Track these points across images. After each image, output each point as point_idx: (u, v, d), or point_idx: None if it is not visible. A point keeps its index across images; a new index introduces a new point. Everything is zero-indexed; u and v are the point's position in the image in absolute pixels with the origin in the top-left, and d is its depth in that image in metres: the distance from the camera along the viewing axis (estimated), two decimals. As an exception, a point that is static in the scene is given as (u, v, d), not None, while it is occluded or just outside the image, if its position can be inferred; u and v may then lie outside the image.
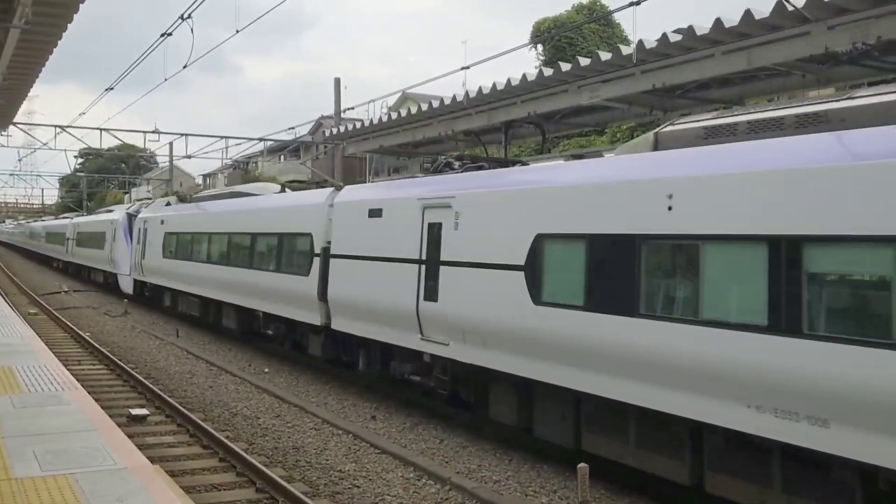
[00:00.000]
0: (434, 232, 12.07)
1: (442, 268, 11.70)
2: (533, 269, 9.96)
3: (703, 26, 13.21)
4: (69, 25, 13.13)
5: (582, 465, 8.44)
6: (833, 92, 14.20)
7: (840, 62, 12.81)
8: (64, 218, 55.81)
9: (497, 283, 10.51)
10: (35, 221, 76.57)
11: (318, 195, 16.90)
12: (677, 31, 13.69)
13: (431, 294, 11.88)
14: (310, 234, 15.96)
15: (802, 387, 6.78)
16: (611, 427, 9.11)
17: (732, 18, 12.77)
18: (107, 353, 18.70)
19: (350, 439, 11.86)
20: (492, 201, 11.09)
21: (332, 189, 16.54)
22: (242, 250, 19.79)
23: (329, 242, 15.21)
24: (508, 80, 17.88)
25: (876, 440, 6.40)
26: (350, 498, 9.36)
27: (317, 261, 15.56)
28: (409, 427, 12.68)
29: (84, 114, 35.66)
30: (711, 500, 8.63)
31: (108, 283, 36.12)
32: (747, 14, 12.44)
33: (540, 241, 9.93)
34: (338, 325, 14.84)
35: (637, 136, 25.38)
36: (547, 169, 11.80)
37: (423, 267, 12.21)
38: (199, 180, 76.10)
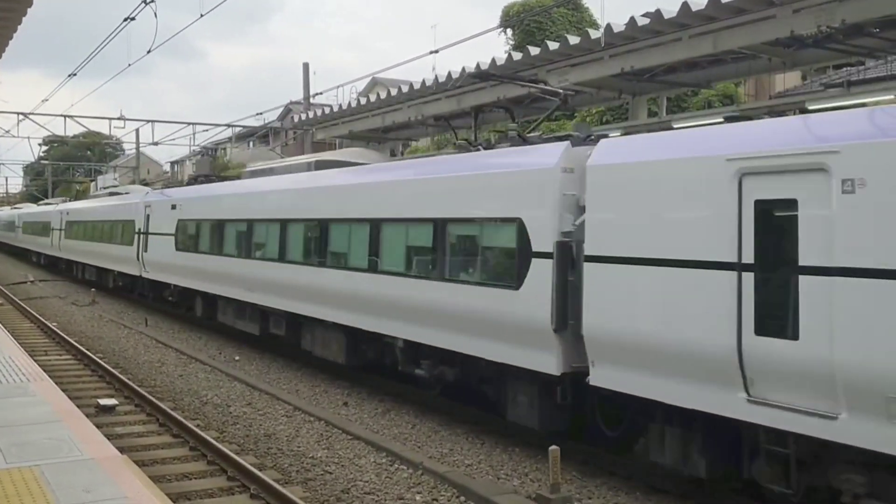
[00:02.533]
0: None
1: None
2: None
3: (671, 10, 13.28)
4: (29, 10, 12.84)
5: (553, 447, 8.48)
6: (798, 75, 14.28)
7: (805, 45, 12.95)
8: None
9: None
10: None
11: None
12: (645, 15, 13.75)
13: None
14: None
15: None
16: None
17: (699, 2, 12.85)
18: (74, 343, 18.46)
19: (322, 426, 11.84)
20: None
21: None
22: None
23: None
24: (478, 65, 17.86)
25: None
26: (322, 484, 9.35)
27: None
28: (381, 413, 12.68)
29: (47, 100, 35.15)
30: (678, 482, 8.74)
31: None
32: (714, -3, 12.52)
33: None
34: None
35: (606, 120, 25.49)
36: None
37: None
38: (167, 167, 75.22)
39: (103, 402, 12.78)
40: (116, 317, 24.68)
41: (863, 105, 10.95)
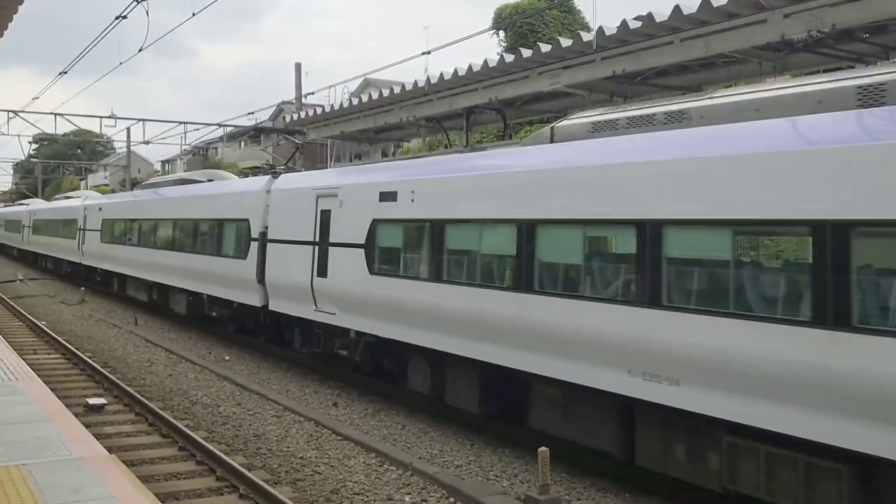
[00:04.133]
0: None
1: None
2: None
3: (663, 13, 13.31)
4: (19, 7, 12.79)
5: (543, 448, 8.50)
6: (789, 78, 14.41)
7: (796, 50, 13.01)
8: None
9: None
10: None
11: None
12: (637, 18, 13.78)
13: None
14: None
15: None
16: None
17: (691, 6, 12.89)
18: (63, 341, 18.39)
19: (312, 426, 11.82)
20: None
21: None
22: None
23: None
24: (470, 67, 17.86)
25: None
26: (312, 485, 9.34)
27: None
28: (370, 413, 12.67)
29: (37, 98, 34.89)
30: (673, 484, 8.78)
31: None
32: (705, 1, 12.56)
33: None
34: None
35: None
36: None
37: None
38: (158, 166, 75.01)
39: (92, 401, 12.73)
40: (106, 316, 24.59)
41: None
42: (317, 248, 14.06)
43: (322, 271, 13.64)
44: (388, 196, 12.22)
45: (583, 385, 8.75)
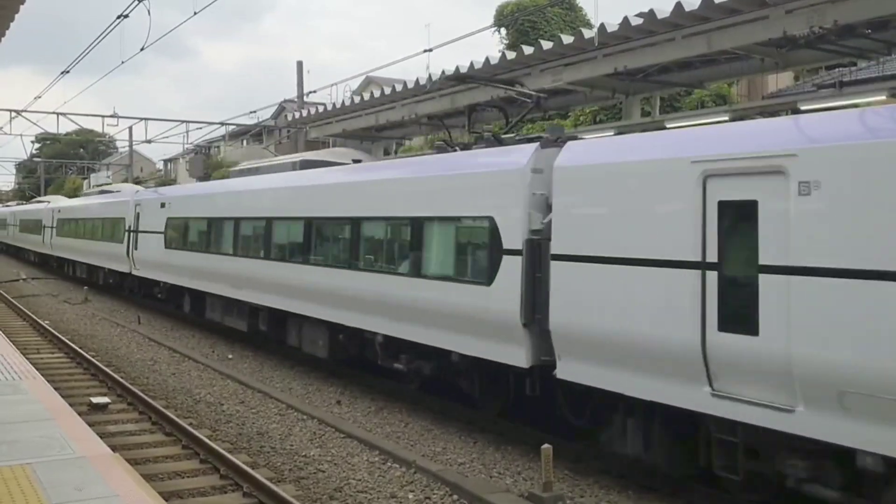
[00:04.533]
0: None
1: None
2: None
3: (664, 10, 13.30)
4: (21, 7, 12.80)
5: (546, 446, 8.50)
6: (791, 75, 14.32)
7: (798, 46, 13.00)
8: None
9: None
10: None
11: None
12: (639, 15, 13.77)
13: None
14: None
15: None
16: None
17: (693, 2, 12.88)
18: (67, 341, 18.42)
19: (315, 424, 11.83)
20: None
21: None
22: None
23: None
24: (471, 64, 17.86)
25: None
26: (315, 483, 9.35)
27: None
28: (374, 411, 12.68)
29: (40, 97, 34.90)
30: (672, 481, 8.78)
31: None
32: (707, -2, 12.55)
33: None
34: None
35: (600, 120, 25.54)
36: None
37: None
38: (160, 165, 75.04)
39: (95, 400, 12.75)
40: (109, 315, 24.62)
41: (855, 106, 11.00)
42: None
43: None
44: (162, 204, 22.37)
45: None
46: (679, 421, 8.05)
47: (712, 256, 7.44)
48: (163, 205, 22.83)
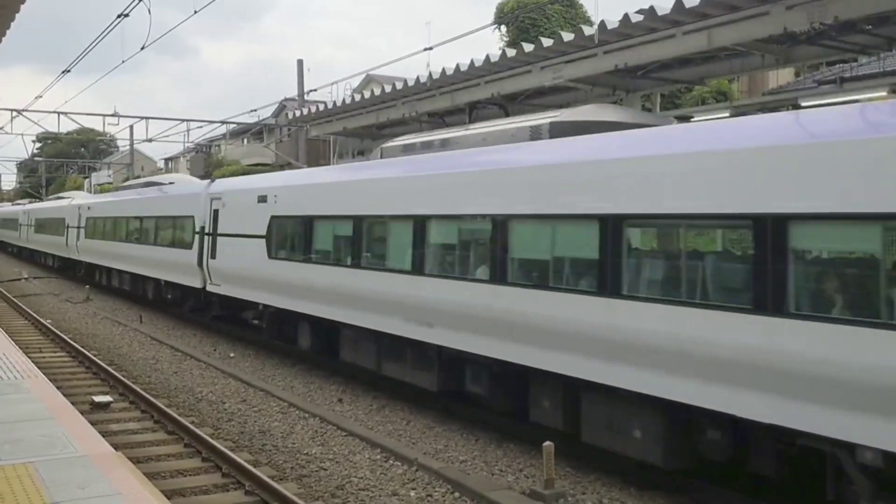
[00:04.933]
0: None
1: None
2: None
3: (664, 7, 13.30)
4: (21, 6, 12.80)
5: (547, 443, 8.51)
6: (792, 72, 14.31)
7: (798, 42, 12.99)
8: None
9: None
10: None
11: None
12: (639, 12, 13.77)
13: None
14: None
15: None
16: None
17: (693, -1, 12.87)
18: (68, 339, 18.44)
19: (317, 422, 11.85)
20: None
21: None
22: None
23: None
24: (472, 61, 17.87)
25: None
26: (317, 481, 9.36)
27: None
28: (375, 409, 12.69)
29: (41, 97, 34.84)
30: (669, 475, 8.78)
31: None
32: (707, -6, 12.54)
33: None
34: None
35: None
36: None
37: None
38: (161, 164, 75.08)
39: (98, 398, 12.77)
40: (111, 314, 24.63)
41: (855, 101, 10.99)
42: None
43: None
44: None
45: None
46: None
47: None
48: (263, 198, 16.70)
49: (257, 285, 16.67)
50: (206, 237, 19.32)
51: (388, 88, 21.58)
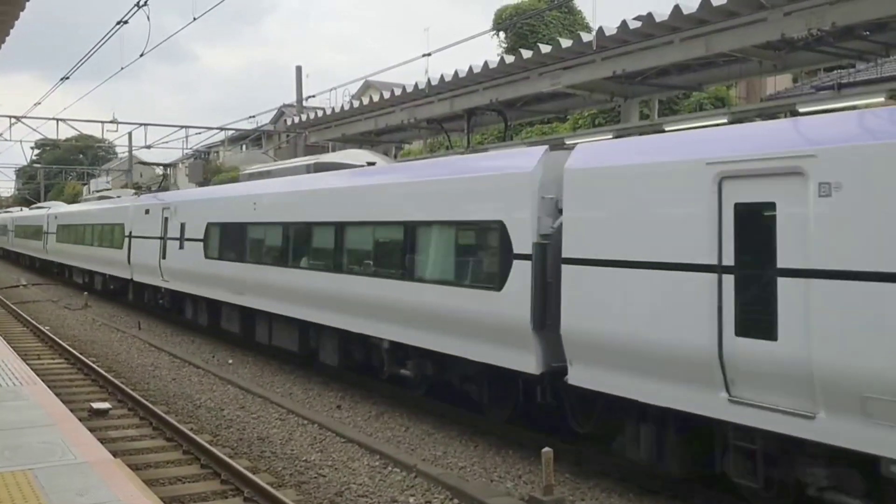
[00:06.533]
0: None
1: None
2: None
3: (662, 13, 13.34)
4: (21, 13, 12.82)
5: (546, 449, 8.50)
6: (789, 78, 14.34)
7: (796, 48, 13.02)
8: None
9: None
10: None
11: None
12: (637, 18, 13.81)
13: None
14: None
15: None
16: None
17: (691, 5, 12.91)
18: (67, 346, 18.42)
19: (315, 429, 11.84)
20: None
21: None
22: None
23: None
24: (470, 68, 17.90)
25: None
26: (316, 487, 9.35)
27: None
28: (374, 416, 12.68)
29: (39, 104, 34.70)
30: (671, 481, 8.78)
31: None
32: (705, 1, 12.57)
33: None
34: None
35: (599, 123, 25.55)
36: None
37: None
38: (160, 170, 75.02)
39: (96, 405, 12.75)
40: (109, 320, 24.61)
41: (853, 107, 11.01)
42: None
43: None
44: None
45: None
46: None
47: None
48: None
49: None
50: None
51: (386, 95, 21.61)
